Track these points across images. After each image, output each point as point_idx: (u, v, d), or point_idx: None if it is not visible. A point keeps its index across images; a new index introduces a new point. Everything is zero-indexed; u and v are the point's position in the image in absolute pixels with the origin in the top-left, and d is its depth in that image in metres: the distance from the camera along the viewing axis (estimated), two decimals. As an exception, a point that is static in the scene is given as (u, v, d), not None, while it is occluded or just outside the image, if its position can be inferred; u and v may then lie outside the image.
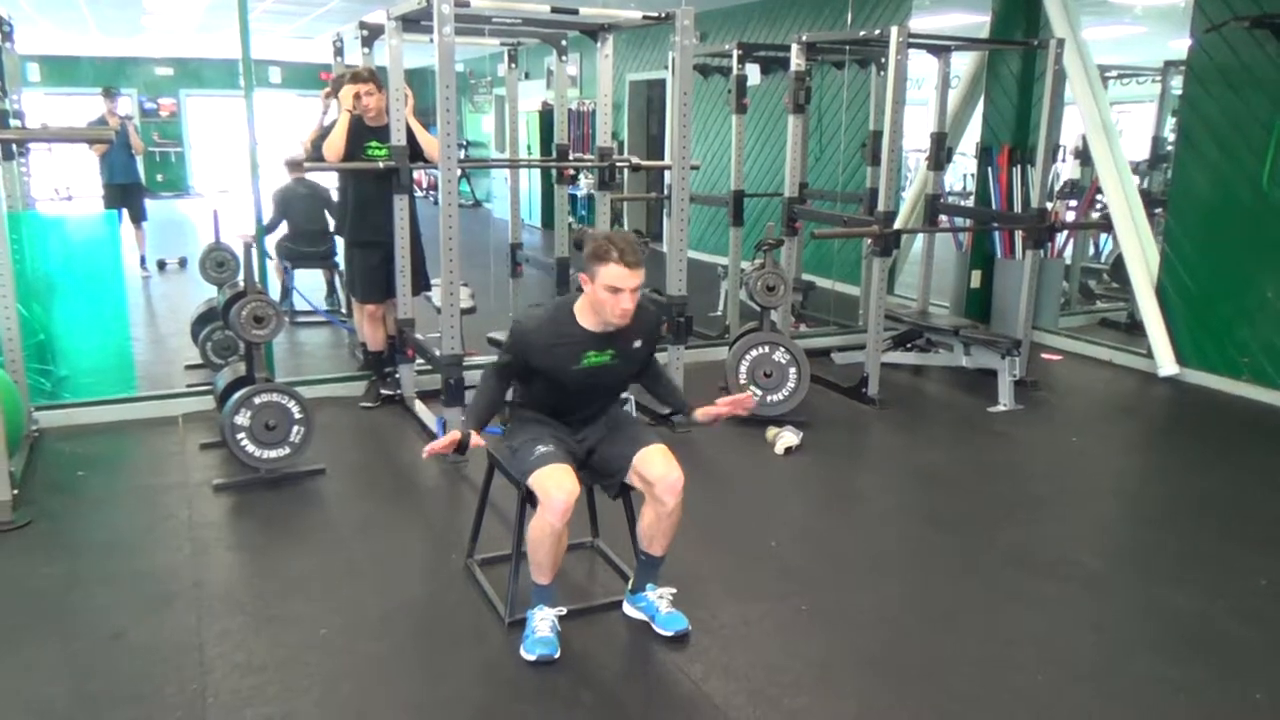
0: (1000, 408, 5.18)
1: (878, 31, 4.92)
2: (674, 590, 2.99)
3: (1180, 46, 5.79)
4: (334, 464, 4.22)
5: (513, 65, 6.01)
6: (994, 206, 6.65)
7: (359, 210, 4.96)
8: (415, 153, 4.76)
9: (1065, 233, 6.83)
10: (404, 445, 4.61)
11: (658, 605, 2.95)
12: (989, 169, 6.66)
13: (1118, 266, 7.82)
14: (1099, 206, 6.70)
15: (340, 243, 5.53)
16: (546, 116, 11.52)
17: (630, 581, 3.05)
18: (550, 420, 2.92)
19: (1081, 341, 6.50)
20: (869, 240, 5.15)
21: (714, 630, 2.94)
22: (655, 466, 2.81)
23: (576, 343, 2.79)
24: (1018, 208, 6.44)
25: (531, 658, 2.75)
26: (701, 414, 2.95)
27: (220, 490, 3.97)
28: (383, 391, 5.10)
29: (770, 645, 2.91)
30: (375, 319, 5.11)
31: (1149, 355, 5.91)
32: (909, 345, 5.88)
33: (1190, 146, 5.73)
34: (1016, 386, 5.24)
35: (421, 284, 5.07)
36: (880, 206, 5.06)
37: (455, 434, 2.77)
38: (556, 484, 2.70)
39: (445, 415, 4.33)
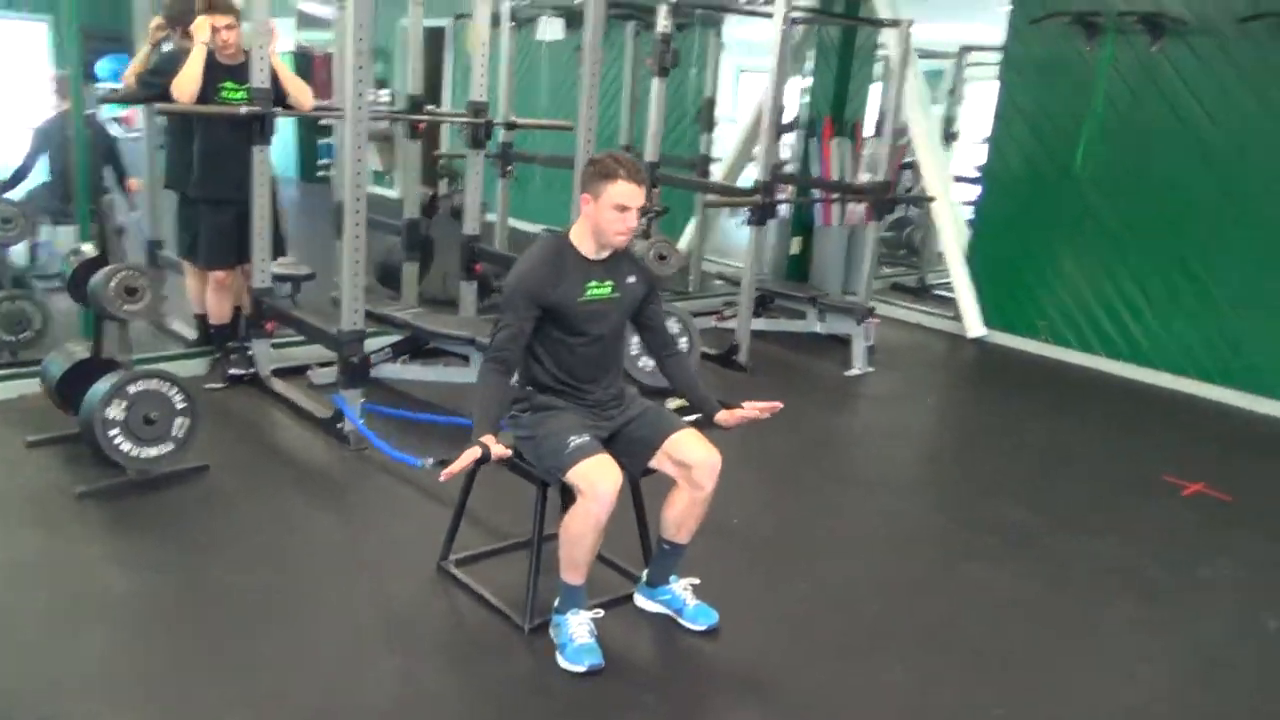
0: (855, 371, 5.46)
1: (762, 2, 4.91)
2: (696, 580, 2.89)
3: (970, 34, 6.31)
4: (211, 458, 3.66)
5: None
6: (817, 177, 6.93)
7: (208, 162, 4.29)
8: (278, 98, 4.19)
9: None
10: (279, 430, 4.10)
11: (684, 599, 2.84)
12: (813, 140, 6.92)
13: (907, 235, 8.51)
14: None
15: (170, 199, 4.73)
16: (302, 60, 10.49)
17: (645, 574, 2.91)
18: (568, 403, 2.70)
19: (896, 306, 6.98)
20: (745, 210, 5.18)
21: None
22: (694, 450, 2.68)
23: (578, 271, 2.63)
24: (842, 178, 6.76)
25: (581, 668, 2.55)
26: (725, 418, 2.79)
27: (86, 498, 3.32)
28: (231, 371, 4.48)
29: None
30: (223, 288, 4.46)
31: (956, 318, 6.47)
32: (759, 312, 6.03)
33: (1004, 128, 6.28)
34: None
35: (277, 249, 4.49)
36: (761, 176, 5.10)
37: (475, 451, 2.45)
38: (602, 475, 2.51)
39: (344, 395, 3.89)
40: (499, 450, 2.48)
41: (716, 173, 7.03)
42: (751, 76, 8.43)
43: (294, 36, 10.83)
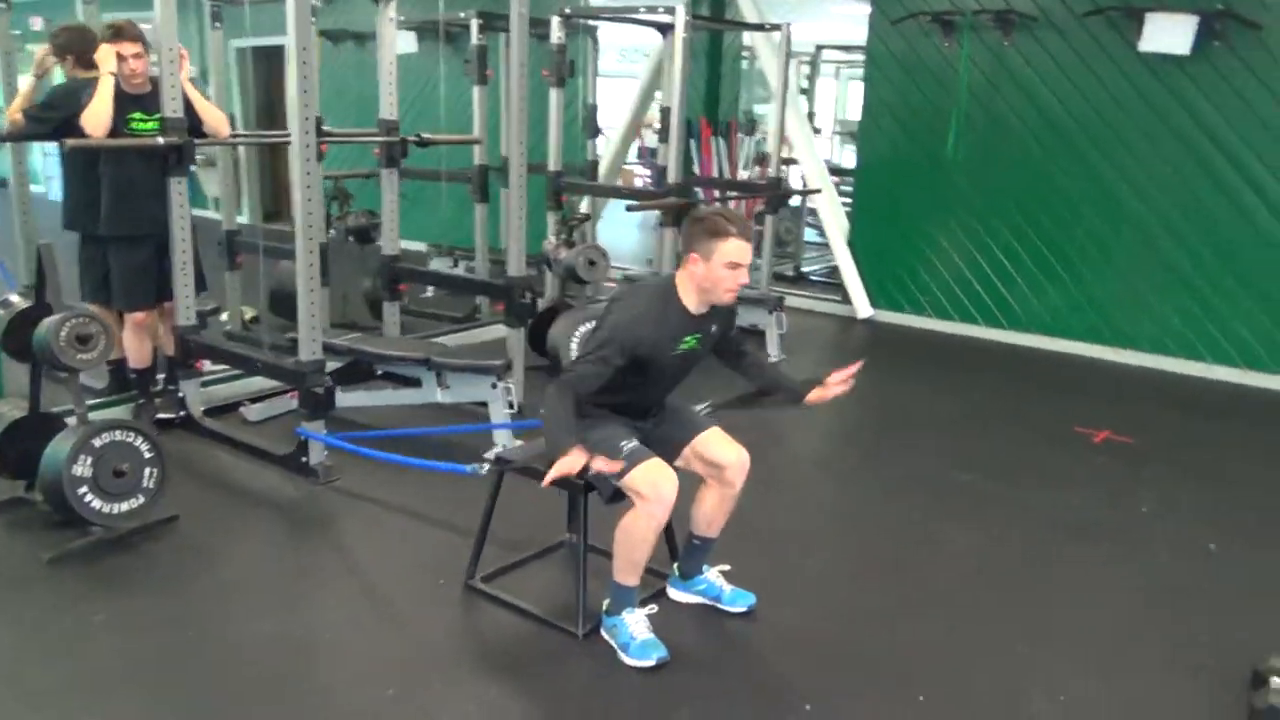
0: (772, 358, 5.70)
1: (661, 10, 5.06)
2: (727, 567, 3.00)
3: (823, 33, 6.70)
4: (174, 508, 3.44)
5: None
6: (698, 175, 7.17)
7: (120, 197, 4.02)
8: (193, 127, 4.00)
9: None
10: (235, 472, 3.90)
11: (721, 586, 2.94)
12: (692, 140, 7.14)
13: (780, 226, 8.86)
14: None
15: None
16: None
17: (676, 568, 2.99)
18: (616, 416, 2.75)
19: (785, 294, 7.28)
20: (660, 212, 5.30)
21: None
22: (725, 451, 2.79)
23: (678, 326, 2.65)
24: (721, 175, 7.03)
25: (650, 663, 2.62)
26: (816, 397, 2.87)
27: (57, 564, 3.08)
28: (160, 416, 4.23)
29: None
30: (141, 329, 4.20)
31: (845, 301, 6.84)
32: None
33: (872, 121, 6.70)
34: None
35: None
36: (671, 179, 5.25)
37: (574, 461, 2.43)
38: (664, 477, 2.58)
39: (306, 427, 3.76)
40: (600, 464, 2.48)
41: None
42: (617, 82, 8.56)
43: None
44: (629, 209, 5.43)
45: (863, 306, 6.75)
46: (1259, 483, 4.17)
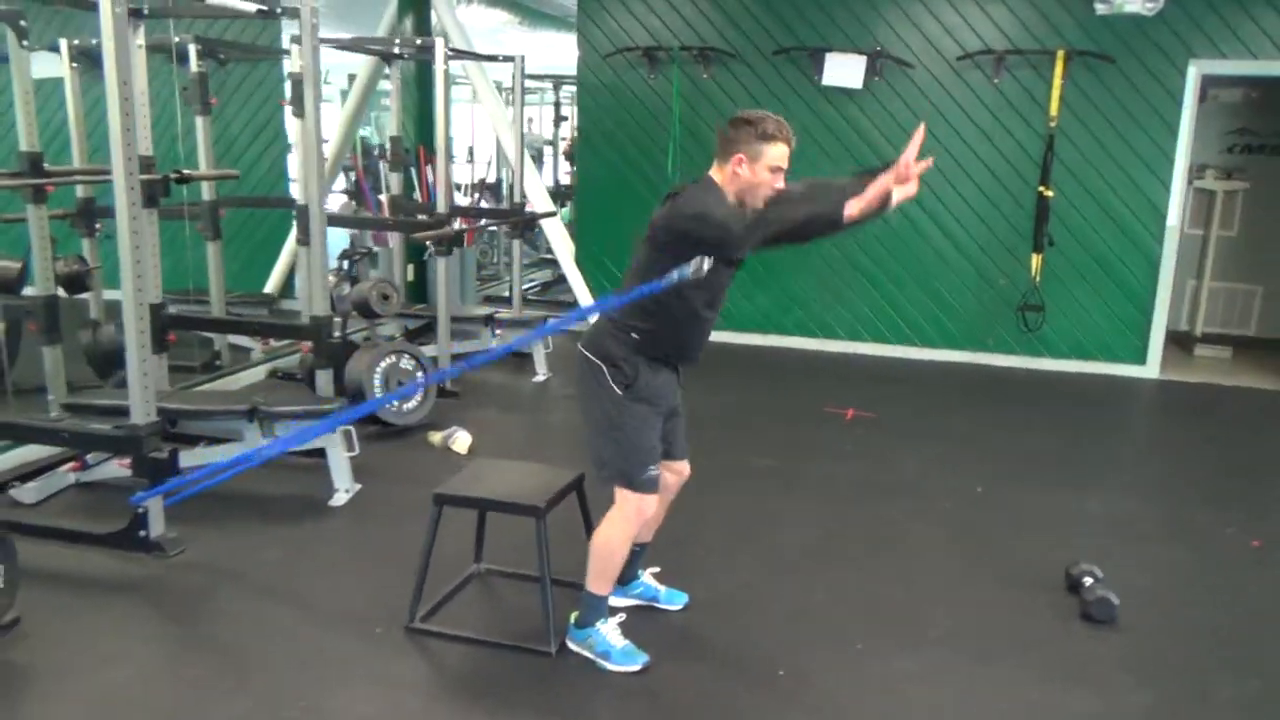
0: (541, 377, 5.94)
1: (418, 41, 5.10)
2: (657, 569, 3.23)
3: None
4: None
5: None
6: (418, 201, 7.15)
7: None
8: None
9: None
10: (56, 559, 3.37)
11: (656, 587, 3.17)
12: (412, 169, 7.12)
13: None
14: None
15: None
16: None
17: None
18: (660, 378, 2.76)
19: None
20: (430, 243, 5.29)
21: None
22: (684, 465, 3.03)
23: None
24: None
25: (637, 667, 2.79)
26: (858, 206, 2.47)
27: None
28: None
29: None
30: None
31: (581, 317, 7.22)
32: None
33: (588, 145, 7.13)
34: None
35: None
36: (441, 208, 5.29)
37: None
38: (655, 496, 2.79)
39: (141, 497, 3.39)
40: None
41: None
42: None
43: None
44: (413, 239, 5.37)
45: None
46: (982, 436, 5.15)
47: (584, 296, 7.15)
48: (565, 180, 10.03)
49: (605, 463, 2.76)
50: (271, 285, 7.12)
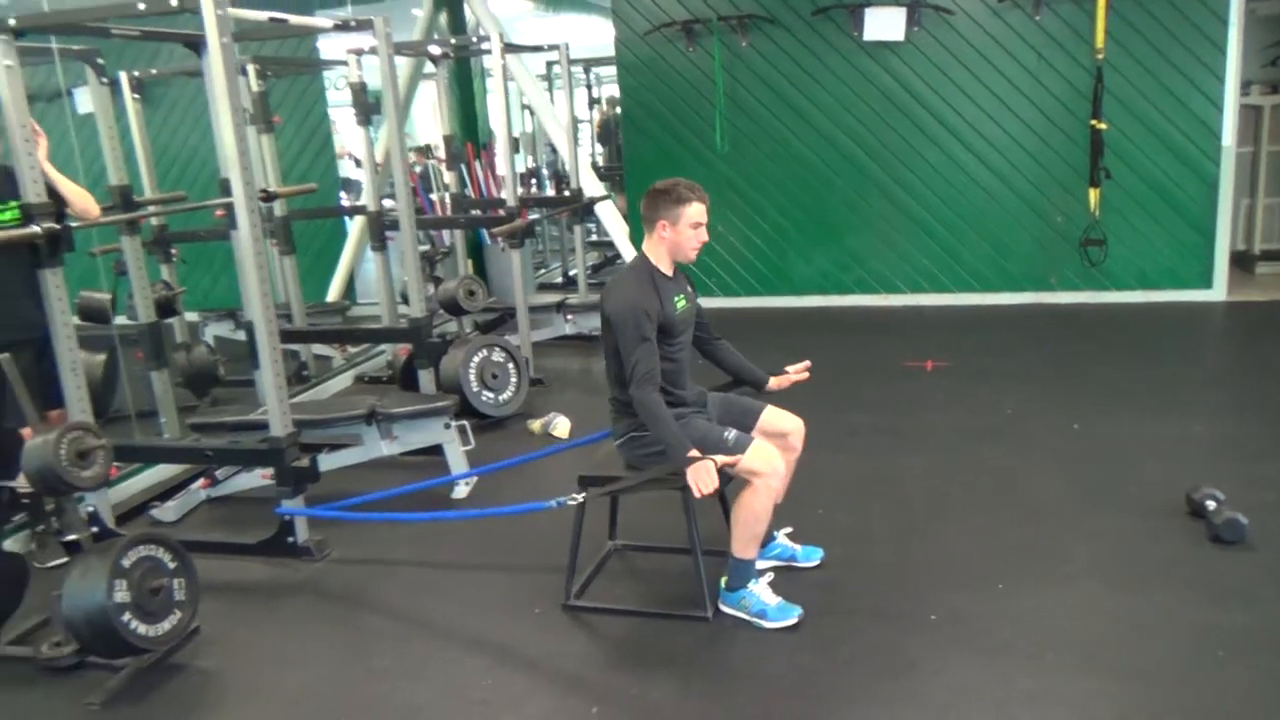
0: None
1: (473, 40, 5.16)
2: (790, 529, 3.34)
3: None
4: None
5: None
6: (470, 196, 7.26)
7: (-14, 300, 3.48)
8: (59, 211, 3.56)
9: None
10: (215, 571, 3.45)
11: (792, 547, 3.27)
12: (462, 166, 7.20)
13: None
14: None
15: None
16: None
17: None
18: (678, 408, 2.96)
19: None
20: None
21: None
22: (786, 420, 3.14)
23: (664, 288, 2.95)
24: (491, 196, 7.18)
25: (793, 620, 2.90)
26: (776, 384, 3.30)
27: (103, 707, 2.73)
28: (66, 539, 3.70)
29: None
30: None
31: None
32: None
33: (632, 125, 7.19)
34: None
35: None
36: (510, 201, 5.38)
37: (709, 470, 2.72)
38: (771, 452, 2.89)
39: (288, 505, 3.53)
40: (722, 461, 2.77)
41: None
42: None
43: None
44: (492, 235, 5.47)
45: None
46: (1063, 373, 5.21)
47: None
48: (600, 162, 10.07)
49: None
50: (334, 293, 7.26)
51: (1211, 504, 3.36)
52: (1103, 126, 6.27)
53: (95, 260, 5.33)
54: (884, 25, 6.45)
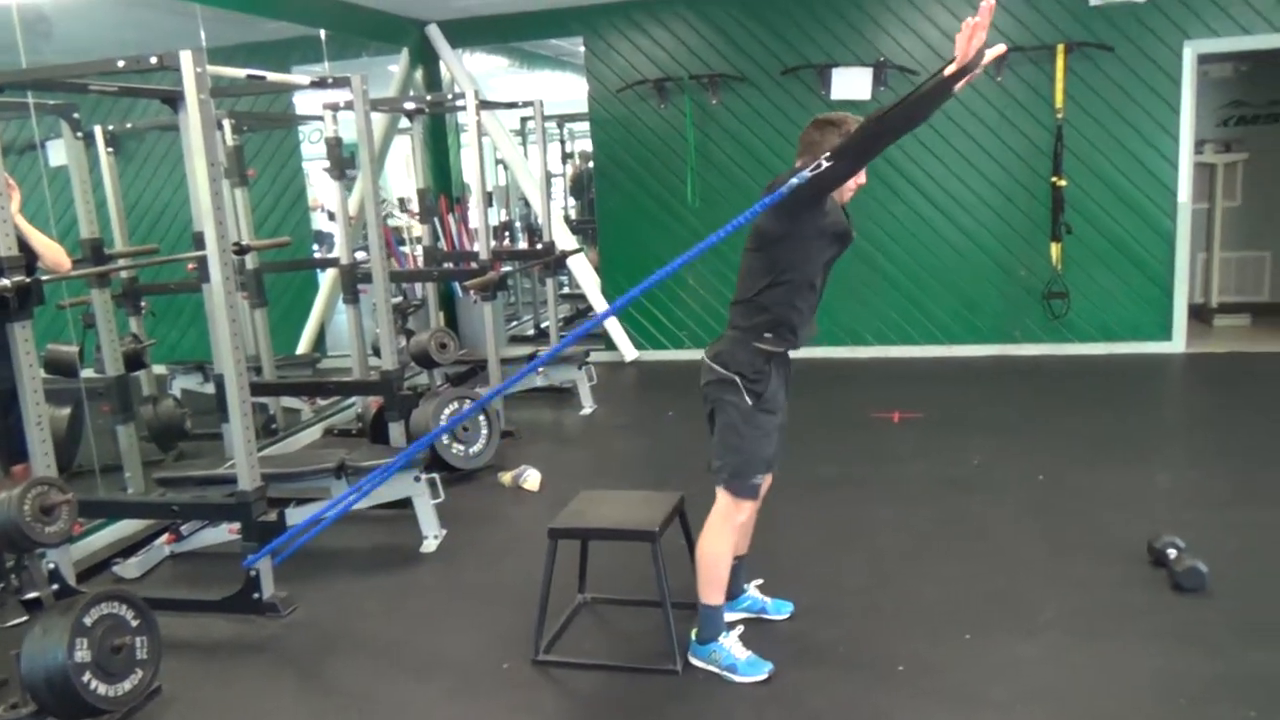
0: (587, 409, 6.05)
1: (449, 96, 5.24)
2: (760, 580, 3.34)
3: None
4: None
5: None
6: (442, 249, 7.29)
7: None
8: (29, 264, 3.56)
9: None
10: (177, 627, 3.43)
11: (762, 599, 3.28)
12: (435, 218, 7.25)
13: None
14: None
15: None
16: None
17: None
18: (780, 377, 3.02)
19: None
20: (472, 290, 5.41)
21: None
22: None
23: (834, 208, 2.92)
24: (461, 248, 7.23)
25: (763, 676, 2.89)
26: (959, 63, 2.34)
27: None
28: (26, 597, 3.64)
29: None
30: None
31: (611, 348, 7.34)
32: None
33: (604, 179, 7.29)
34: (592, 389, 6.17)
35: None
36: (484, 255, 5.42)
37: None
38: (752, 505, 2.93)
39: (253, 560, 3.49)
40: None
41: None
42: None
43: None
44: (464, 288, 5.50)
45: (628, 350, 7.29)
46: (1029, 424, 5.29)
47: (615, 329, 7.29)
48: (573, 215, 10.16)
49: (722, 465, 2.89)
50: (304, 345, 7.24)
51: (1173, 552, 3.41)
52: (1063, 183, 6.44)
53: (64, 312, 5.32)
54: (851, 85, 6.61)
